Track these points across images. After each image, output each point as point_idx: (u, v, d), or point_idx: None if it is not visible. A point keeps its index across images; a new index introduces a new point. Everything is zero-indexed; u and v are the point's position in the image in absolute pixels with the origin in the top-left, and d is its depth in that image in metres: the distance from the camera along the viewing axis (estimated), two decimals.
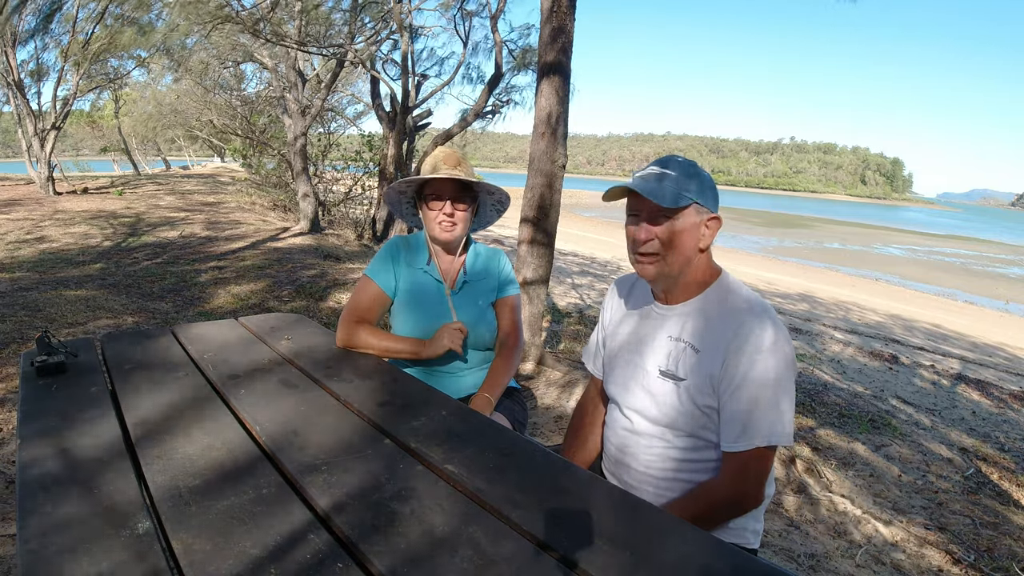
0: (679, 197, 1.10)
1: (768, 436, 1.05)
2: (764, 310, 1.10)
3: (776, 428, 1.05)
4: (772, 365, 1.05)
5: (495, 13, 7.24)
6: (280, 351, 1.54)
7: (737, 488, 1.10)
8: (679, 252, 1.12)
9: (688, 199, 1.11)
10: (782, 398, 1.06)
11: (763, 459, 1.08)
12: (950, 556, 2.10)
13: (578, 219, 23.33)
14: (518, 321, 1.73)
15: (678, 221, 1.11)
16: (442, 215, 1.58)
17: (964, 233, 42.80)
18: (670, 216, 1.11)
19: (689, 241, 1.12)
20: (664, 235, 1.11)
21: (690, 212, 1.11)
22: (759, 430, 1.05)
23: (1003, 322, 9.72)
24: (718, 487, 1.12)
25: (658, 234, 1.12)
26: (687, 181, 1.11)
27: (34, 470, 0.92)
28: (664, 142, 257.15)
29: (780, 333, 1.07)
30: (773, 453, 1.10)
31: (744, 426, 1.06)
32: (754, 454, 1.07)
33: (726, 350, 1.08)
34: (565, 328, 4.70)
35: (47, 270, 5.31)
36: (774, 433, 1.05)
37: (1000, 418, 3.87)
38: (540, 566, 0.76)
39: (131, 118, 23.23)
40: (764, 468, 1.09)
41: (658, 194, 1.09)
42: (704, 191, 1.13)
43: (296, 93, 8.21)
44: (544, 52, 3.28)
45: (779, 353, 1.06)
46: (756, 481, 1.10)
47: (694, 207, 1.12)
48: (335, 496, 0.89)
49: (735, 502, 1.11)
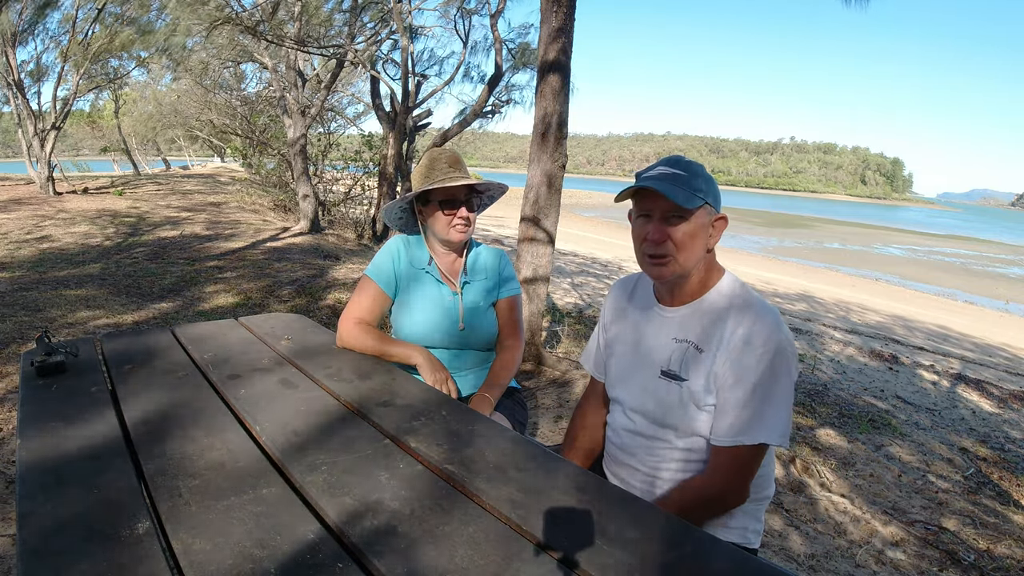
0: (692, 197, 1.09)
1: (756, 435, 1.05)
2: (767, 310, 1.10)
3: (766, 427, 1.05)
4: (772, 366, 1.05)
5: (495, 12, 7.24)
6: (280, 351, 1.54)
7: (720, 483, 1.09)
8: (691, 253, 1.12)
9: (700, 199, 1.10)
10: (777, 398, 1.05)
11: (750, 457, 1.08)
12: (950, 556, 2.10)
13: (578, 219, 23.32)
14: (518, 321, 1.73)
15: (691, 222, 1.10)
16: (458, 219, 1.60)
17: (964, 233, 42.78)
18: (684, 216, 1.10)
19: (700, 242, 1.12)
20: (677, 236, 1.10)
21: (702, 213, 1.11)
22: (748, 428, 1.05)
23: (1003, 322, 9.71)
24: (703, 481, 1.12)
25: (671, 234, 1.10)
26: (698, 181, 1.11)
27: (34, 470, 0.92)
28: (664, 142, 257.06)
29: (782, 334, 1.07)
30: (762, 452, 1.09)
31: (733, 422, 1.06)
32: (741, 451, 1.07)
33: (727, 349, 1.08)
34: (565, 328, 4.70)
35: (47, 270, 5.31)
36: (763, 432, 1.05)
37: (1000, 418, 3.87)
38: (540, 566, 0.76)
39: (131, 118, 23.23)
40: (750, 466, 1.09)
41: (676, 193, 1.08)
42: (712, 191, 1.13)
43: (296, 93, 8.21)
44: (544, 52, 3.28)
45: (779, 354, 1.05)
46: (740, 478, 1.09)
47: (705, 207, 1.12)
48: (335, 496, 0.89)
49: (717, 497, 1.11)
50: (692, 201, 1.09)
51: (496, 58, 7.32)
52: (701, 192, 1.10)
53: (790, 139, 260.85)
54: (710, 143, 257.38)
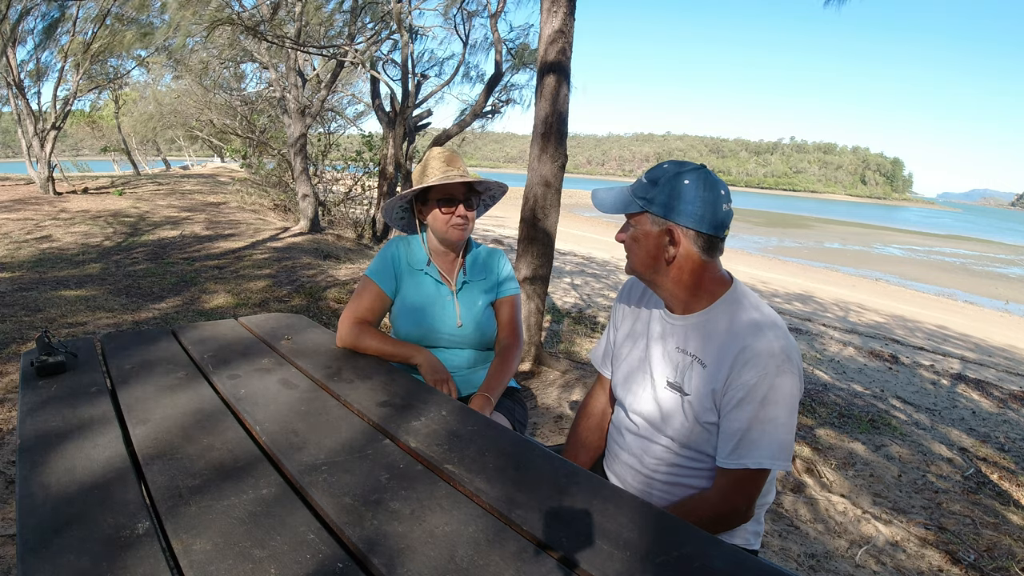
0: (630, 204, 1.13)
1: (760, 458, 1.03)
2: (774, 327, 1.06)
3: (771, 451, 1.03)
4: (775, 387, 1.02)
5: (495, 13, 7.24)
6: (280, 351, 1.54)
7: (725, 504, 1.09)
8: (635, 257, 1.15)
9: (639, 206, 1.12)
10: (782, 422, 1.03)
11: (754, 479, 1.07)
12: (950, 556, 2.10)
13: (578, 219, 23.31)
14: (518, 320, 1.73)
15: (634, 227, 1.14)
16: (456, 217, 1.60)
17: (964, 233, 42.79)
18: (630, 222, 1.16)
19: (644, 249, 1.13)
20: (626, 239, 1.16)
21: (643, 219, 1.12)
22: (752, 451, 1.03)
23: (1003, 322, 9.72)
24: (707, 500, 1.12)
25: (623, 238, 1.17)
26: (650, 189, 1.11)
27: (34, 470, 0.92)
28: (664, 142, 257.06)
29: (789, 354, 1.03)
30: (766, 475, 1.08)
31: (738, 444, 1.05)
32: (745, 474, 1.05)
33: (731, 366, 1.05)
34: (564, 328, 4.70)
35: (47, 270, 5.31)
36: (768, 456, 1.03)
37: (1000, 418, 3.87)
38: (540, 566, 0.76)
39: (131, 118, 23.21)
40: (754, 488, 1.08)
41: (604, 198, 1.18)
42: (668, 202, 1.09)
43: (296, 93, 8.21)
44: (544, 52, 3.28)
45: (784, 375, 1.02)
46: (745, 499, 1.09)
47: (646, 215, 1.11)
48: (335, 496, 0.89)
49: (722, 517, 1.10)
50: (629, 207, 1.14)
51: (496, 57, 7.32)
52: (643, 200, 1.11)
53: (790, 139, 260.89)
54: (710, 143, 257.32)
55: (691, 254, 1.11)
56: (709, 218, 1.08)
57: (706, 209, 1.08)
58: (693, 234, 1.10)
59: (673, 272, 1.13)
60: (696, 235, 1.10)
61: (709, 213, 1.08)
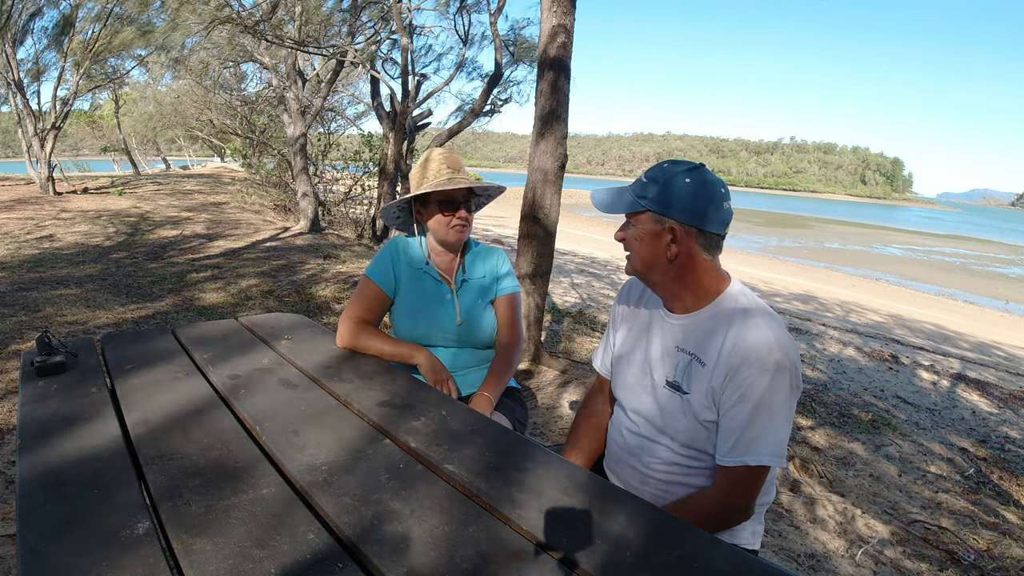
0: (634, 203, 1.13)
1: (759, 456, 1.04)
2: (772, 325, 1.06)
3: (770, 449, 1.04)
4: (773, 385, 1.02)
5: (495, 11, 7.24)
6: (280, 351, 1.54)
7: (725, 501, 1.09)
8: (639, 256, 1.15)
9: (641, 206, 1.11)
10: (780, 419, 1.04)
11: (754, 477, 1.07)
12: (950, 556, 2.10)
13: (578, 219, 23.30)
14: (517, 319, 1.73)
15: (636, 226, 1.14)
16: (456, 220, 1.61)
17: (964, 233, 42.78)
18: (631, 221, 1.15)
19: (646, 248, 1.13)
20: (626, 239, 1.16)
21: (645, 218, 1.12)
22: (751, 449, 1.04)
23: (1003, 322, 9.72)
24: (707, 498, 1.12)
25: (622, 237, 1.17)
26: (650, 188, 1.11)
27: (34, 470, 0.92)
28: (664, 142, 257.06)
29: (787, 352, 1.04)
30: (765, 472, 1.08)
31: (737, 442, 1.05)
32: (745, 471, 1.06)
33: (729, 365, 1.06)
34: (565, 327, 4.70)
35: (47, 270, 5.30)
36: (767, 453, 1.04)
37: (1000, 418, 3.87)
38: (540, 566, 0.76)
39: (131, 118, 23.22)
40: (754, 485, 1.09)
41: (603, 198, 1.19)
42: (669, 200, 1.09)
43: (296, 93, 8.21)
44: (544, 49, 3.28)
45: (783, 373, 1.03)
46: (745, 497, 1.09)
47: (648, 214, 1.11)
48: (335, 496, 0.89)
49: (723, 515, 1.11)
50: (630, 206, 1.13)
51: (496, 57, 7.31)
52: (645, 199, 1.11)
53: (790, 139, 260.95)
54: (710, 143, 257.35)
55: (692, 252, 1.11)
56: (711, 215, 1.09)
57: (707, 207, 1.08)
58: (695, 232, 1.10)
59: (674, 270, 1.13)
60: (698, 233, 1.10)
61: (710, 210, 1.09)
